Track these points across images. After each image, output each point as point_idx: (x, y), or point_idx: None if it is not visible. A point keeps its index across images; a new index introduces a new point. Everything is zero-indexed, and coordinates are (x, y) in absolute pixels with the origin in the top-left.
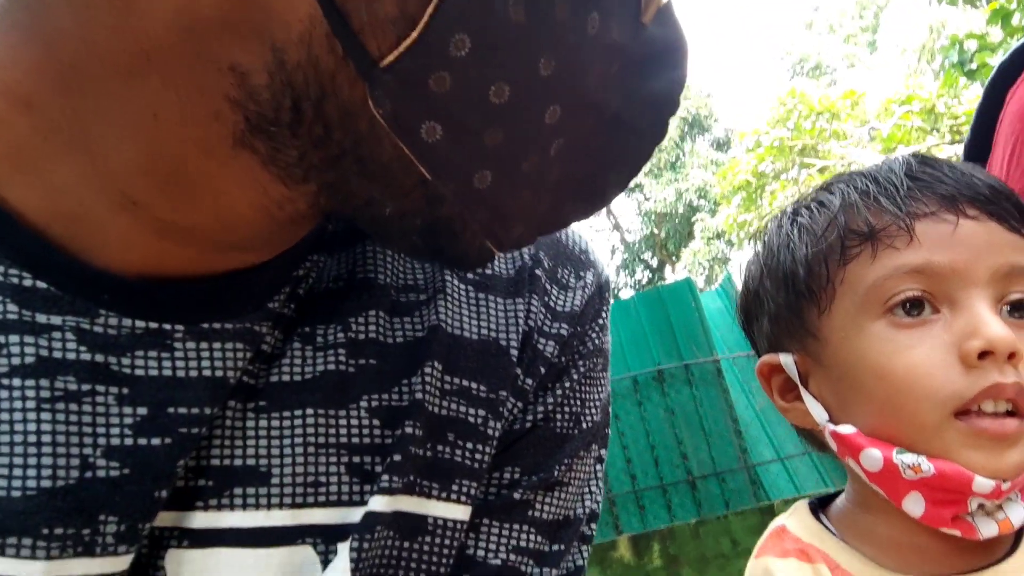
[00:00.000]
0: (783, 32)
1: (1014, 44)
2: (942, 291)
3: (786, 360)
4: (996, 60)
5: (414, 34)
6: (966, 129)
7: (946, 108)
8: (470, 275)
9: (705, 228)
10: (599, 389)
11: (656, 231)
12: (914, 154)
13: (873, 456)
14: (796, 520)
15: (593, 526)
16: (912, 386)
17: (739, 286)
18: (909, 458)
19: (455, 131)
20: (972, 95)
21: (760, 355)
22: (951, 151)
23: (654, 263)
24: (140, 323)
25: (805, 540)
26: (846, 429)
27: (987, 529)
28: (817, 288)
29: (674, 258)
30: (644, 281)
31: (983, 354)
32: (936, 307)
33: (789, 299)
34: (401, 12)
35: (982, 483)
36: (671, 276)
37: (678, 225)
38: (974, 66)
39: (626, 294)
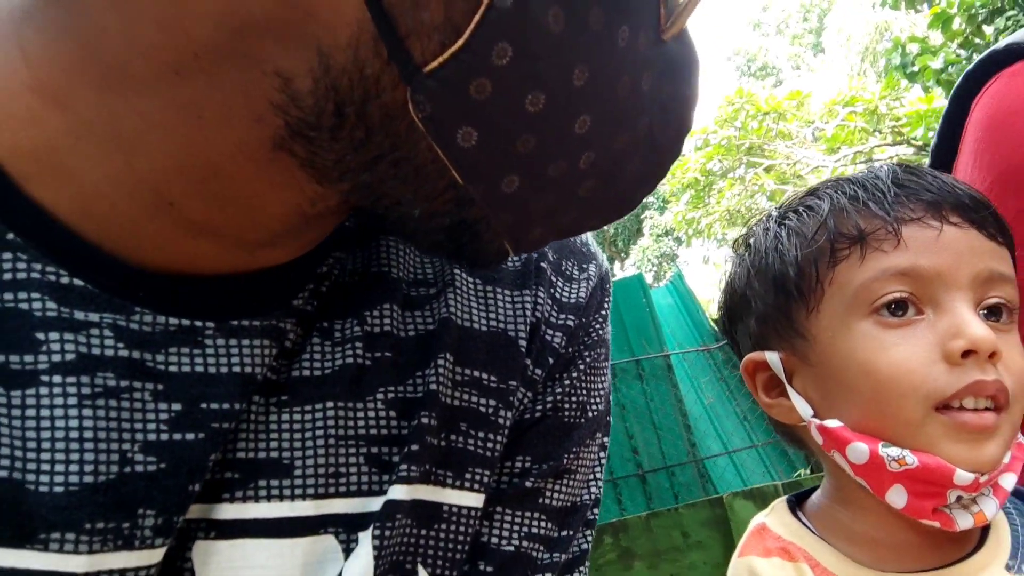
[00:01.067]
0: (731, 32)
1: (954, 47)
2: (926, 293)
3: (772, 358)
4: (937, 63)
5: (460, 41)
6: (907, 130)
7: (888, 109)
8: None
9: (654, 225)
10: (603, 378)
11: (605, 228)
12: (899, 163)
13: (859, 449)
14: (776, 518)
15: (596, 511)
16: (897, 382)
17: (689, 283)
18: (894, 451)
19: (490, 137)
20: (913, 97)
21: (743, 354)
22: (893, 152)
23: None
24: (173, 320)
25: (786, 538)
26: (833, 423)
27: (964, 521)
28: (806, 289)
29: (623, 255)
30: None
31: (966, 353)
32: (920, 308)
33: (778, 300)
34: (447, 19)
35: (963, 476)
36: (620, 273)
37: (627, 222)
38: (916, 68)
39: None
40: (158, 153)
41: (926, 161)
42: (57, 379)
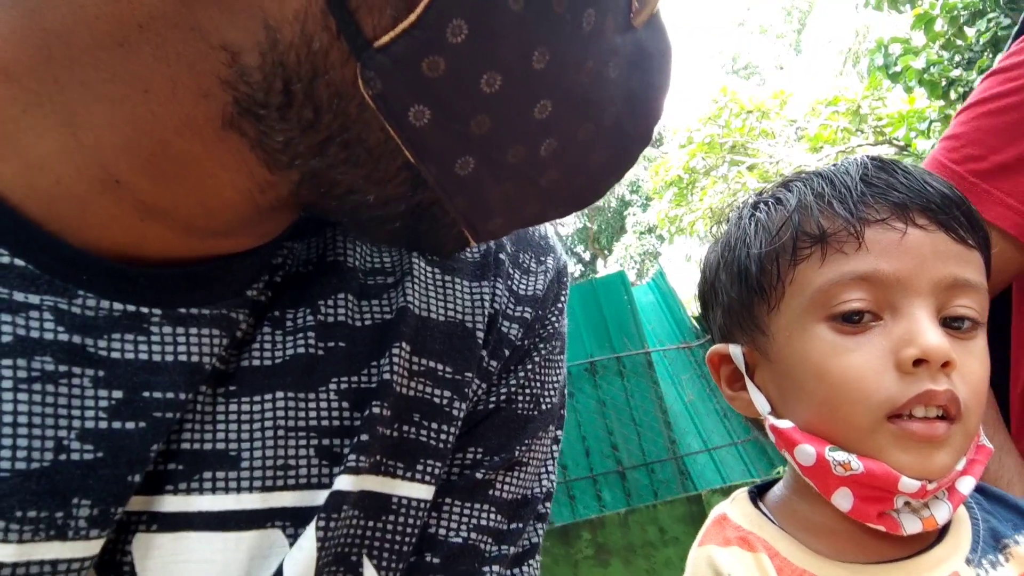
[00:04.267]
0: (715, 30)
1: (936, 48)
2: (885, 299)
3: (735, 351)
4: (919, 63)
5: (412, 16)
6: (890, 130)
7: (870, 109)
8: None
9: (637, 223)
10: (557, 371)
11: (589, 225)
12: (872, 157)
13: (807, 452)
14: (737, 508)
15: (548, 505)
16: (848, 389)
17: (671, 281)
18: (840, 456)
19: (443, 116)
20: (896, 97)
21: (714, 342)
22: (877, 151)
23: (587, 256)
24: (118, 305)
25: (746, 528)
26: (784, 424)
27: (911, 526)
28: (768, 286)
29: (606, 252)
30: (577, 274)
31: (918, 362)
32: (878, 314)
33: (741, 293)
34: None
35: (908, 483)
36: (603, 270)
37: (610, 219)
38: (898, 69)
39: None
40: (104, 127)
41: (909, 161)
42: None
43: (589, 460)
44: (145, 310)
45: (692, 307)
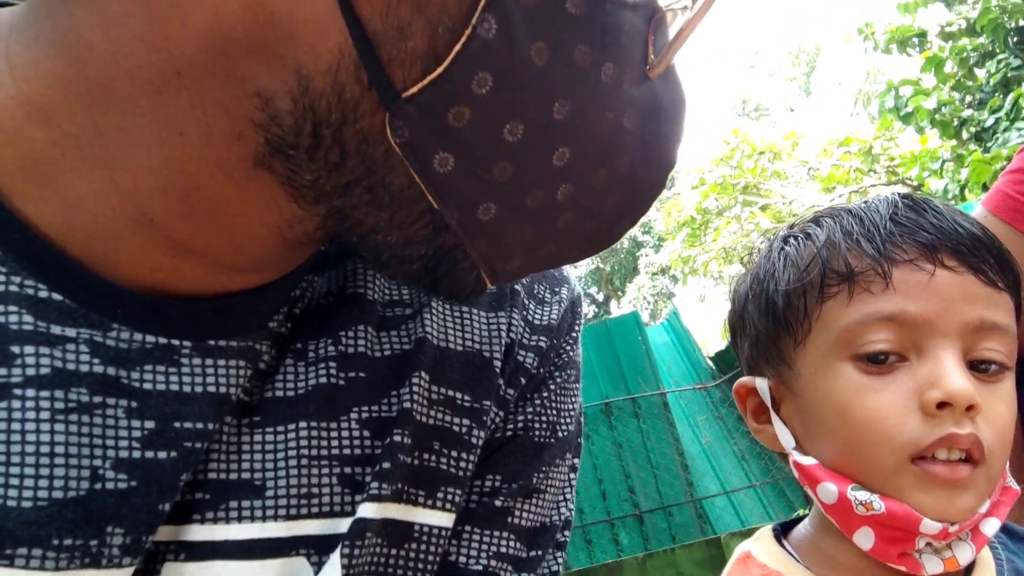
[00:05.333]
0: (725, 73)
1: (946, 90)
2: (911, 340)
3: (761, 385)
4: (930, 104)
5: (440, 69)
6: (903, 170)
7: (883, 149)
8: None
9: (650, 263)
10: (573, 400)
11: (602, 266)
12: (903, 195)
13: (829, 490)
14: (761, 546)
15: (567, 533)
16: (872, 429)
17: (685, 321)
18: (863, 495)
19: (467, 163)
20: (907, 138)
21: (742, 374)
22: (889, 191)
23: (600, 298)
24: (150, 338)
25: (771, 567)
26: (807, 460)
27: (932, 567)
28: (794, 321)
29: (619, 293)
30: (590, 315)
31: (942, 404)
32: (903, 355)
33: (768, 327)
34: (430, 47)
35: (930, 525)
36: (616, 311)
37: (623, 260)
38: (909, 110)
39: None
40: (140, 169)
41: None
42: (31, 393)
43: (606, 503)
44: (176, 342)
45: (707, 347)
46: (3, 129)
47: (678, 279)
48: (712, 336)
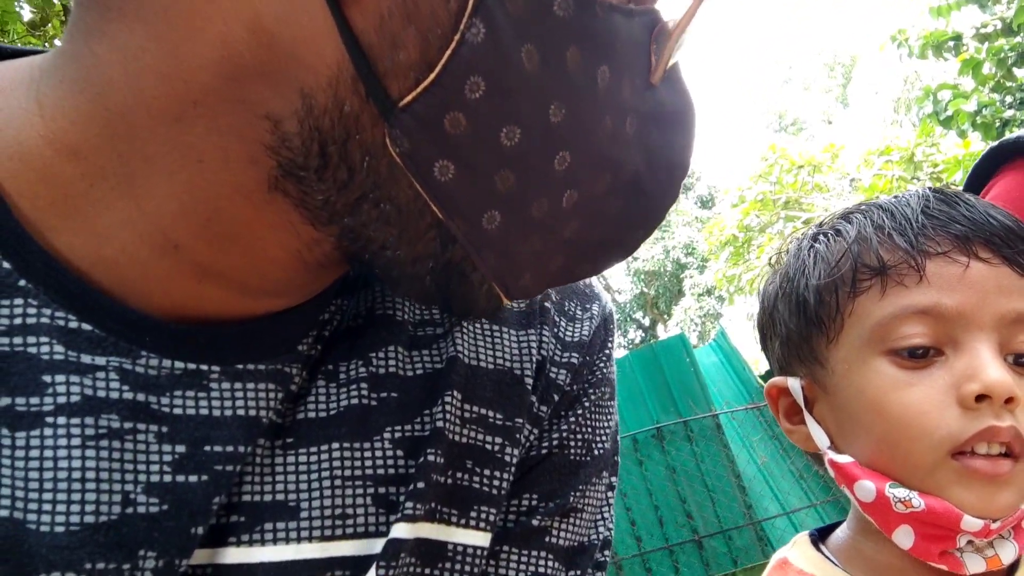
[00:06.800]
0: (760, 89)
1: (986, 91)
2: (946, 333)
3: (793, 384)
4: (970, 107)
5: (432, 76)
6: (946, 175)
7: (924, 156)
8: None
9: (695, 285)
10: (608, 417)
11: (646, 290)
12: (933, 189)
13: (866, 488)
14: (798, 552)
15: (607, 553)
16: (909, 425)
17: (734, 341)
18: (901, 492)
19: (467, 170)
20: (949, 143)
21: (773, 375)
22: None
23: (646, 322)
24: (179, 364)
25: (808, 571)
26: (843, 459)
27: (974, 565)
28: (826, 317)
29: (665, 316)
30: (637, 340)
31: (980, 397)
32: (939, 349)
33: (800, 325)
34: (423, 56)
35: (971, 522)
36: (663, 334)
37: (667, 283)
38: (949, 114)
39: (619, 354)
40: (164, 196)
41: None
42: (62, 420)
43: (663, 530)
44: (204, 367)
45: (758, 367)
46: (35, 167)
47: (724, 299)
48: (762, 355)
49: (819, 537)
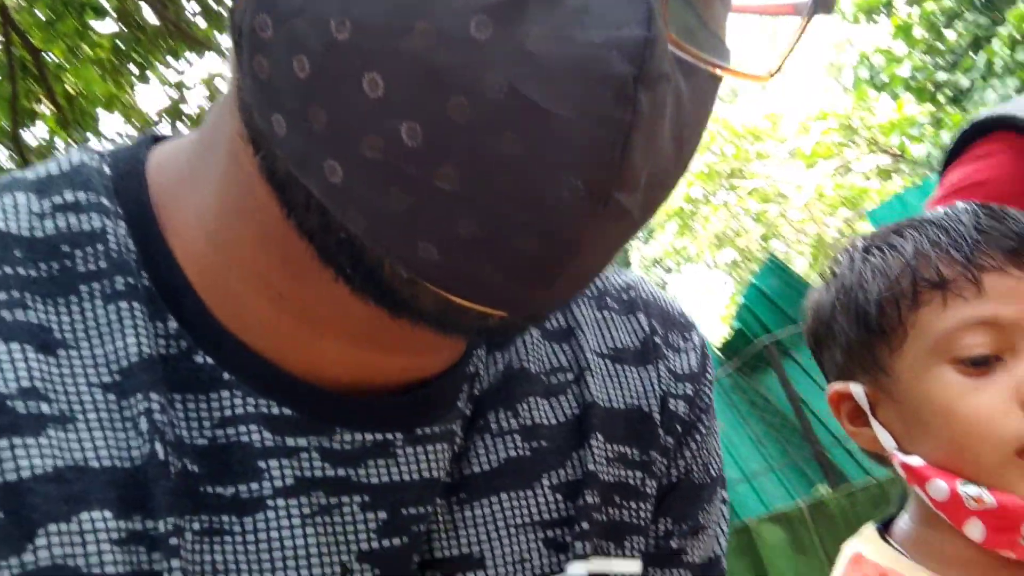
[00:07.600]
0: None
1: (918, 54)
2: (1007, 341)
3: (857, 390)
4: (904, 71)
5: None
6: (883, 139)
7: (861, 121)
8: (604, 350)
9: (642, 256)
10: (717, 438)
11: None
12: (981, 205)
13: (939, 487)
14: (871, 546)
15: (724, 563)
16: (976, 428)
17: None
18: (972, 490)
19: (284, 115)
20: (885, 107)
21: (828, 379)
22: (872, 160)
23: None
24: (369, 436)
25: (884, 565)
26: (915, 461)
27: None
28: (889, 328)
29: None
30: None
31: None
32: (1000, 356)
33: (861, 335)
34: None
35: None
36: None
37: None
38: (884, 79)
39: None
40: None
41: (904, 167)
42: (280, 502)
43: None
44: (391, 436)
45: (711, 335)
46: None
47: (671, 269)
48: (713, 324)
49: (883, 529)
